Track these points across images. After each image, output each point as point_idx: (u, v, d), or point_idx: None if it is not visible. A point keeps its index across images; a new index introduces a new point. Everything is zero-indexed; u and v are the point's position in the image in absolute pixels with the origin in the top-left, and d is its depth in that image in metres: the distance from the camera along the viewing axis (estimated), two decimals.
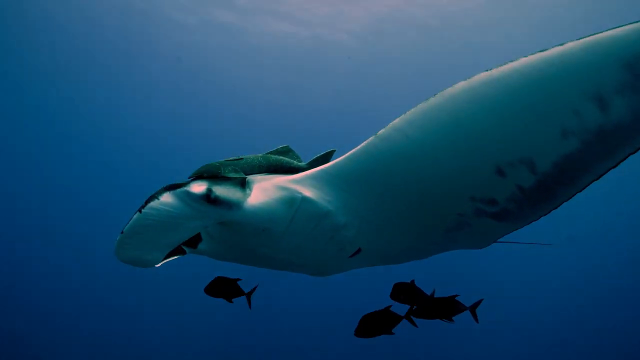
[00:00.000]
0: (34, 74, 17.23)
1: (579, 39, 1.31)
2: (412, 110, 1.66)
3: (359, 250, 2.37)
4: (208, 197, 1.86)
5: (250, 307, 3.25)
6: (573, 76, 1.36)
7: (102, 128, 19.48)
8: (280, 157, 2.33)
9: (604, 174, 1.58)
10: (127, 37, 15.95)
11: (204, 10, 14.87)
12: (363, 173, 1.93)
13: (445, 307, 2.96)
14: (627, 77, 1.31)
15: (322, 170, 2.01)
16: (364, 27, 15.29)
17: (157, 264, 2.18)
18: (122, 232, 1.89)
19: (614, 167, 1.52)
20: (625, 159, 1.49)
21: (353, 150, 1.88)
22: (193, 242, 2.33)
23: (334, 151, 2.63)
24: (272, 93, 18.67)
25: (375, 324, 2.96)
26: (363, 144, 1.83)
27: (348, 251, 2.34)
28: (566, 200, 1.78)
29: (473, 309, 3.18)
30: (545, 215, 1.92)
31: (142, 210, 1.83)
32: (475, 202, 1.95)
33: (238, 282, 3.18)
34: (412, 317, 3.00)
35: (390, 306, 3.01)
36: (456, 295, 3.01)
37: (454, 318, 2.97)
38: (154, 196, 1.83)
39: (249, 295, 3.26)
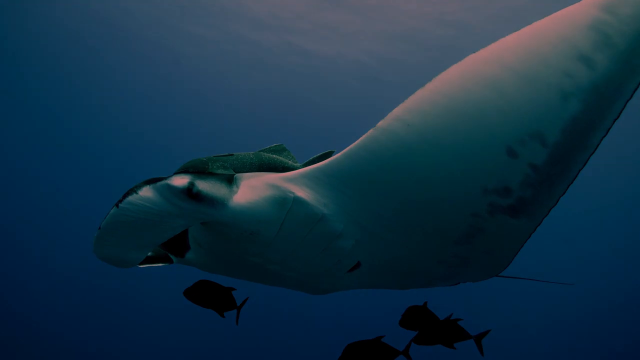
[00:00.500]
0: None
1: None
2: (411, 97, 1.60)
3: (358, 265, 2.18)
4: (189, 192, 1.72)
5: (237, 322, 3.02)
6: (552, 43, 1.53)
7: (110, 128, 19.82)
8: (274, 156, 2.18)
9: (610, 127, 1.63)
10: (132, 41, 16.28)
11: (221, 24, 15.13)
12: (362, 171, 1.78)
13: (448, 332, 2.71)
14: (597, 36, 1.50)
15: (317, 168, 1.85)
16: (380, 45, 15.35)
17: (139, 264, 2.06)
18: (99, 228, 1.76)
19: (617, 118, 1.61)
20: (624, 107, 1.59)
21: (351, 146, 1.74)
22: (180, 250, 2.19)
23: (332, 152, 2.44)
24: (281, 104, 18.82)
25: (363, 357, 2.67)
26: (361, 138, 1.70)
27: (346, 265, 2.15)
28: (581, 168, 1.74)
29: (479, 339, 2.92)
30: (562, 195, 1.83)
31: (120, 205, 1.70)
32: (489, 194, 1.81)
33: (233, 294, 2.91)
34: (413, 343, 2.75)
35: (382, 337, 2.73)
36: (459, 319, 2.77)
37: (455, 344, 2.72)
38: (133, 190, 1.71)
39: (238, 309, 3.00)
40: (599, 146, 1.67)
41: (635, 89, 1.57)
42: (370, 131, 1.68)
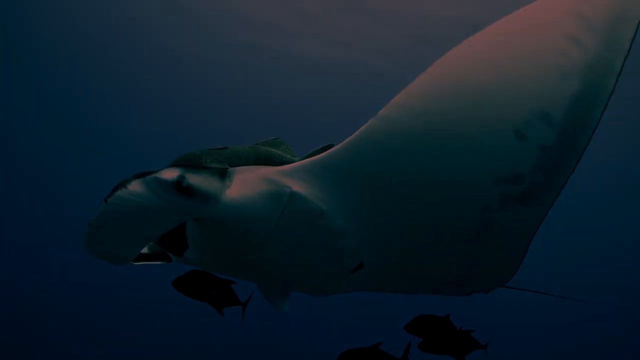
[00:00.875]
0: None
1: None
2: (413, 82, 1.54)
3: (360, 265, 2.07)
4: (179, 186, 1.65)
5: (243, 319, 2.89)
6: (544, 25, 1.59)
7: (111, 127, 20.08)
8: (271, 149, 2.10)
9: (607, 102, 1.68)
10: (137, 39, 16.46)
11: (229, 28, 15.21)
12: (363, 163, 1.71)
13: (459, 343, 2.58)
14: (580, 21, 1.57)
15: (315, 161, 1.77)
16: (392, 47, 15.21)
17: (134, 262, 2.00)
18: (88, 224, 1.71)
19: (612, 92, 1.67)
20: (616, 82, 1.66)
21: (351, 137, 1.66)
22: (179, 248, 2.13)
23: (331, 145, 2.35)
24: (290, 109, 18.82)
25: None
26: (362, 128, 1.63)
27: (347, 265, 2.05)
28: (586, 146, 1.76)
29: (486, 345, 2.82)
30: (570, 174, 1.82)
31: (108, 200, 1.64)
32: (500, 184, 1.75)
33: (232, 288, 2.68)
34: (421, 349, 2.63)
35: (380, 343, 2.60)
36: (472, 331, 2.64)
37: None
38: (122, 184, 1.65)
39: (244, 306, 2.85)
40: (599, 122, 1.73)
41: (622, 66, 1.65)
42: (371, 120, 1.61)
